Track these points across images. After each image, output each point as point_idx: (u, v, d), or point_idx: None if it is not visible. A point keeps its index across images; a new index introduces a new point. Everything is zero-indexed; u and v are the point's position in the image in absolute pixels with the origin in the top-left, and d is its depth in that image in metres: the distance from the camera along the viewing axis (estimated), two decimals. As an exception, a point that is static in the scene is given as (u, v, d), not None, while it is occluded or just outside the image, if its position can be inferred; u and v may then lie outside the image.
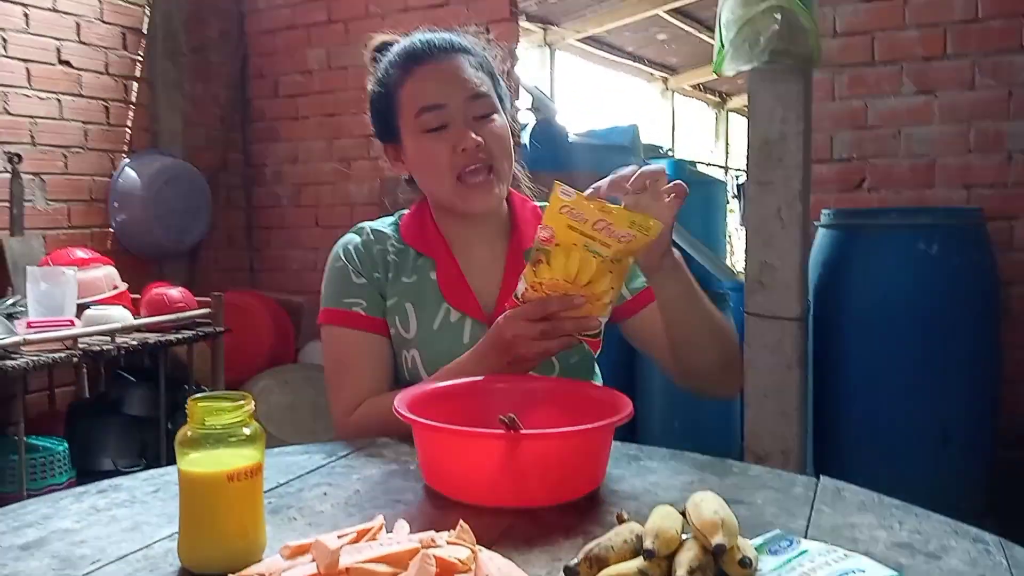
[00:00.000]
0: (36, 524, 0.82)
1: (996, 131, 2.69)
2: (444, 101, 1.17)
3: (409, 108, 1.19)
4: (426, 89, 1.18)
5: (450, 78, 1.18)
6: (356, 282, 1.23)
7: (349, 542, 0.64)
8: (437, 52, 1.20)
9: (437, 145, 1.17)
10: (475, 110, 1.18)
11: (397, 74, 1.22)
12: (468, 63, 1.21)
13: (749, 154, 2.19)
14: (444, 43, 1.22)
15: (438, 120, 1.17)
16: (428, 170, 1.21)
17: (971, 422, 2.36)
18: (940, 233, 2.31)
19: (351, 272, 1.24)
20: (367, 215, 4.10)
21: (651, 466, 0.99)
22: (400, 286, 1.23)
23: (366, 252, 1.25)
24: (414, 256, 1.25)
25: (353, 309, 1.22)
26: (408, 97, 1.20)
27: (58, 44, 3.25)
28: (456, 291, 1.21)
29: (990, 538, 0.78)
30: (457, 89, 1.18)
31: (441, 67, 1.19)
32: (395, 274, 1.24)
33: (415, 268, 1.24)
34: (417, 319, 1.21)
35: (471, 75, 1.19)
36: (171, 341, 2.66)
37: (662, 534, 0.65)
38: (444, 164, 1.17)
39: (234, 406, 0.70)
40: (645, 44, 9.00)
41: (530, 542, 0.76)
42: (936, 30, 2.75)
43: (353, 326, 1.21)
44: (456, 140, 1.16)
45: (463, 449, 0.86)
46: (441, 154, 1.17)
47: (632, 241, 0.93)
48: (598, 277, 0.96)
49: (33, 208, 3.17)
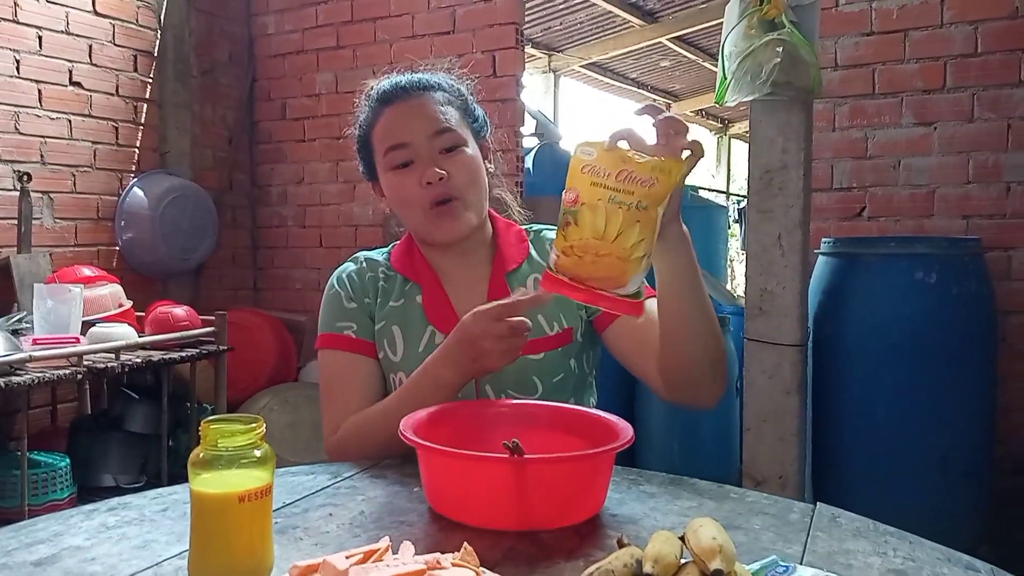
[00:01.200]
0: (47, 541, 0.84)
1: (995, 162, 2.73)
2: (408, 139, 1.23)
3: (380, 147, 1.26)
4: (392, 128, 1.25)
5: (414, 115, 1.24)
6: (347, 307, 1.28)
7: (356, 563, 0.66)
8: (403, 93, 1.26)
9: (405, 180, 1.23)
10: (440, 143, 1.23)
11: (370, 116, 1.29)
12: (435, 100, 1.26)
13: (750, 182, 2.22)
14: (411, 83, 1.27)
15: (404, 157, 1.23)
16: (400, 204, 1.26)
17: (969, 450, 2.37)
18: (939, 262, 2.33)
19: (343, 298, 1.29)
20: (371, 236, 4.12)
21: (650, 491, 1.01)
22: (388, 310, 1.27)
23: (358, 279, 1.31)
24: (402, 281, 1.30)
25: (344, 332, 1.27)
26: (378, 137, 1.27)
27: (70, 66, 3.30)
28: (441, 314, 1.25)
29: (982, 566, 0.79)
30: (421, 126, 1.23)
31: (407, 106, 1.25)
32: (383, 298, 1.29)
33: (402, 293, 1.29)
34: (404, 341, 1.25)
35: (436, 111, 1.24)
36: (174, 359, 2.68)
37: (661, 559, 0.66)
38: (413, 198, 1.23)
39: (246, 429, 0.72)
40: (648, 71, 9.10)
41: (532, 564, 0.78)
42: (936, 63, 2.79)
43: (344, 348, 1.26)
44: (420, 174, 1.21)
45: (467, 472, 0.88)
46: (409, 188, 1.23)
47: (654, 185, 0.91)
48: (626, 228, 0.93)
49: (41, 226, 3.21)
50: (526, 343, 1.08)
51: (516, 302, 1.06)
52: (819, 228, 2.86)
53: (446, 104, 1.26)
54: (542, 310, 1.23)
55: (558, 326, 1.24)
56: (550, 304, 1.19)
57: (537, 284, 1.23)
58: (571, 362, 1.25)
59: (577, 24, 6.94)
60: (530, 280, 1.28)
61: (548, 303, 1.08)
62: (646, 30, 7.25)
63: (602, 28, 7.21)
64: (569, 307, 1.24)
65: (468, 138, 1.26)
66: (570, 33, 7.23)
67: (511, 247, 1.31)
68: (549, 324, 1.24)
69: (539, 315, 1.23)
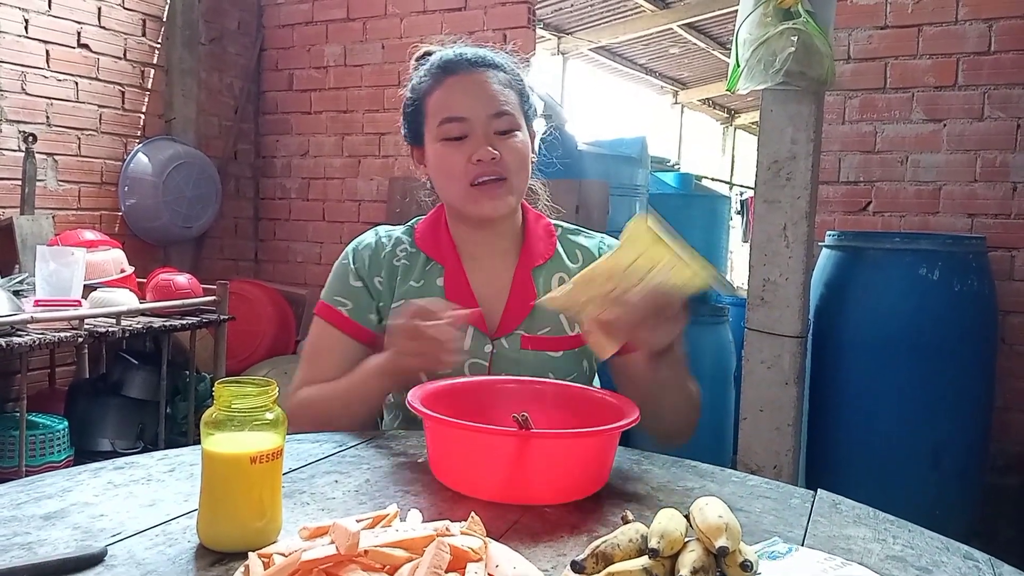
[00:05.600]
0: (56, 496, 0.84)
1: (1002, 162, 2.73)
2: (467, 114, 1.21)
3: (434, 116, 1.23)
4: (451, 100, 1.22)
5: (476, 92, 1.22)
6: (352, 284, 1.28)
7: (366, 527, 0.66)
8: (467, 65, 1.24)
9: (455, 153, 1.21)
10: (496, 126, 1.21)
11: (428, 82, 1.25)
12: (496, 79, 1.24)
13: (758, 172, 2.22)
14: (476, 57, 1.25)
15: (459, 131, 1.21)
16: (444, 175, 1.24)
17: (963, 446, 2.39)
18: (942, 259, 2.34)
19: (351, 272, 1.29)
20: (374, 212, 4.10)
21: (653, 471, 1.01)
22: (407, 289, 1.27)
23: (374, 255, 1.30)
24: (424, 260, 1.28)
25: (339, 309, 1.27)
26: (435, 105, 1.24)
27: (79, 27, 3.28)
28: (461, 299, 1.23)
29: (980, 556, 0.80)
30: (481, 103, 1.21)
31: (469, 80, 1.23)
32: (402, 277, 1.28)
33: (423, 273, 1.27)
34: None
35: (497, 91, 1.23)
36: (175, 326, 2.68)
37: (667, 535, 0.67)
38: (459, 171, 1.21)
39: (260, 391, 0.72)
40: (657, 57, 9.05)
41: (536, 537, 0.78)
42: (949, 60, 2.78)
43: (335, 324, 1.27)
44: (473, 150, 1.20)
45: (475, 445, 0.89)
46: (457, 162, 1.21)
47: (677, 269, 0.95)
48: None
49: (44, 188, 3.20)
50: (454, 356, 1.08)
51: (437, 310, 1.06)
52: (824, 221, 2.86)
53: (506, 86, 1.24)
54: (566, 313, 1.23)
55: (578, 326, 1.21)
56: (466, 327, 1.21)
57: (561, 282, 1.23)
58: (584, 363, 1.26)
59: (589, 6, 6.90)
60: (555, 279, 1.26)
61: (469, 320, 1.14)
62: (657, 15, 7.21)
63: (613, 12, 7.17)
64: None
65: (522, 123, 1.25)
66: (581, 15, 7.18)
67: (539, 241, 1.30)
68: (570, 324, 1.23)
69: (560, 315, 1.23)
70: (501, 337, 1.22)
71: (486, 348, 1.22)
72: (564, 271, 1.27)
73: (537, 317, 1.23)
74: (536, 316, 1.23)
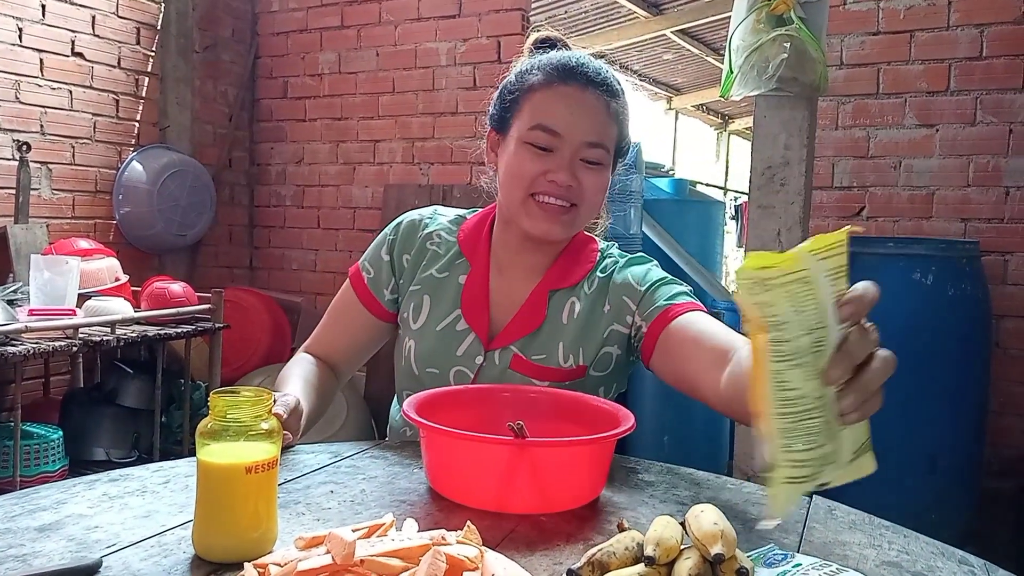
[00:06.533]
0: (51, 508, 0.84)
1: (995, 166, 2.74)
2: (563, 132, 1.14)
3: (530, 116, 1.16)
4: (554, 110, 1.15)
5: (582, 113, 1.15)
6: (383, 256, 1.29)
7: (362, 536, 0.66)
8: (584, 80, 1.16)
9: (534, 162, 1.15)
10: (587, 155, 1.15)
11: (538, 78, 1.18)
12: (608, 108, 1.17)
13: (752, 178, 2.23)
14: (596, 77, 1.17)
15: (548, 143, 1.14)
16: (512, 177, 1.17)
17: (958, 451, 2.39)
18: (936, 264, 2.35)
19: (386, 243, 1.30)
20: (369, 219, 4.10)
21: (648, 479, 1.01)
22: (427, 276, 1.26)
23: (411, 231, 1.29)
24: (456, 254, 1.27)
25: (363, 274, 1.30)
26: (535, 106, 1.16)
27: (73, 36, 3.28)
28: (474, 304, 1.22)
29: (975, 560, 0.81)
30: (582, 127, 1.14)
31: (580, 97, 1.15)
32: (429, 263, 1.27)
33: (450, 266, 1.26)
34: (428, 313, 1.24)
35: (603, 121, 1.16)
36: (170, 335, 2.67)
37: (663, 543, 0.67)
38: (527, 180, 1.15)
39: (255, 401, 0.72)
40: (651, 63, 9.08)
41: (532, 546, 0.78)
42: (941, 65, 2.80)
43: (356, 289, 1.30)
44: (552, 168, 1.14)
45: (470, 454, 0.89)
46: (531, 171, 1.15)
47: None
48: None
49: (38, 197, 3.19)
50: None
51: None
52: (818, 226, 2.87)
53: (613, 118, 1.17)
54: (563, 339, 1.19)
55: (573, 360, 1.18)
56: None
57: (572, 308, 1.20)
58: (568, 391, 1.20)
59: (582, 13, 6.92)
60: (567, 304, 1.21)
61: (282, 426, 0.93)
62: (651, 22, 7.23)
63: (606, 18, 7.19)
64: (592, 344, 1.19)
65: (611, 160, 1.19)
66: (575, 22, 7.20)
67: (574, 264, 1.24)
68: (565, 356, 1.18)
69: (560, 343, 1.18)
70: (495, 350, 1.20)
71: (477, 359, 1.20)
72: (576, 296, 1.21)
73: (537, 341, 1.19)
74: (536, 339, 1.19)
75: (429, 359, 1.22)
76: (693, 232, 3.50)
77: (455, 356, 1.21)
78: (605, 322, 1.19)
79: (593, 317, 1.20)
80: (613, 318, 1.19)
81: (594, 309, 1.20)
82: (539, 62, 1.20)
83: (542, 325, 1.20)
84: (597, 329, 1.19)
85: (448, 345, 1.22)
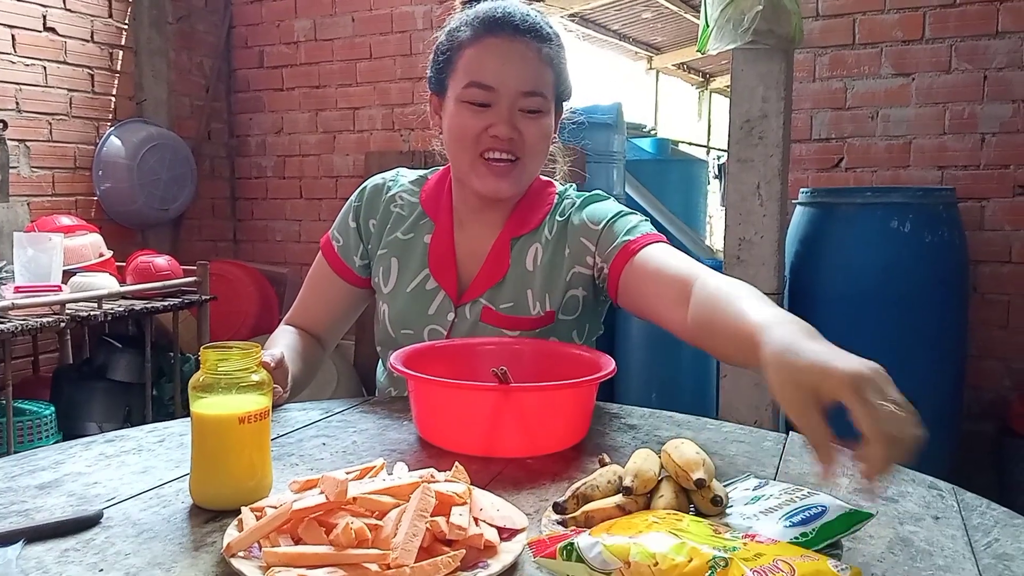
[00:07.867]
0: (49, 468, 0.86)
1: (970, 113, 2.76)
2: (496, 85, 1.13)
3: (463, 74, 1.15)
4: (485, 64, 1.14)
5: (513, 63, 1.13)
6: (350, 223, 1.30)
7: (354, 478, 0.69)
8: (512, 29, 1.14)
9: (474, 119, 1.14)
10: (524, 104, 1.14)
11: (467, 35, 1.16)
12: (540, 54, 1.15)
13: (731, 132, 2.24)
14: (524, 24, 1.15)
15: (484, 98, 1.13)
16: (456, 139, 1.17)
17: (938, 395, 2.44)
18: (913, 212, 2.38)
19: (352, 210, 1.31)
20: (351, 187, 4.10)
21: (632, 423, 1.05)
22: (393, 239, 1.26)
23: (375, 196, 1.30)
24: (419, 214, 1.27)
25: (333, 243, 1.31)
26: (466, 63, 1.15)
27: (44, 11, 3.23)
28: (441, 262, 1.23)
29: (944, 485, 0.84)
30: (515, 77, 1.13)
31: (510, 47, 1.14)
32: (393, 226, 1.27)
33: (415, 227, 1.26)
34: (397, 276, 1.25)
35: (536, 69, 1.15)
36: (157, 308, 2.68)
37: (641, 474, 0.70)
38: (472, 138, 1.15)
39: (244, 353, 0.74)
40: (630, 22, 9.00)
41: (519, 486, 0.81)
42: (915, 13, 2.80)
43: (328, 258, 1.31)
44: (492, 122, 1.14)
45: (457, 401, 0.91)
46: (473, 129, 1.14)
47: None
48: None
49: (17, 175, 3.17)
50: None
51: None
52: (797, 179, 2.89)
53: (546, 63, 1.16)
54: (531, 286, 1.19)
55: (541, 307, 1.18)
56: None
57: (536, 254, 1.19)
58: (550, 340, 1.20)
59: (559, -26, 6.85)
60: (531, 250, 1.21)
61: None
62: (628, -20, 7.16)
63: (584, -22, 7.12)
64: (558, 289, 1.19)
65: (551, 106, 1.18)
66: (552, -17, 7.12)
67: (531, 210, 1.23)
68: (533, 304, 1.19)
69: (528, 291, 1.19)
70: (465, 304, 1.20)
71: (448, 316, 1.21)
72: (539, 242, 1.21)
73: (504, 290, 1.20)
74: (503, 289, 1.20)
75: (403, 321, 1.23)
76: (676, 191, 3.51)
77: (427, 315, 1.21)
78: (567, 265, 1.19)
79: (556, 261, 1.20)
80: (574, 261, 1.19)
81: (556, 254, 1.20)
82: (467, 17, 1.18)
83: (507, 274, 1.20)
84: (560, 273, 1.19)
85: (420, 305, 1.22)
